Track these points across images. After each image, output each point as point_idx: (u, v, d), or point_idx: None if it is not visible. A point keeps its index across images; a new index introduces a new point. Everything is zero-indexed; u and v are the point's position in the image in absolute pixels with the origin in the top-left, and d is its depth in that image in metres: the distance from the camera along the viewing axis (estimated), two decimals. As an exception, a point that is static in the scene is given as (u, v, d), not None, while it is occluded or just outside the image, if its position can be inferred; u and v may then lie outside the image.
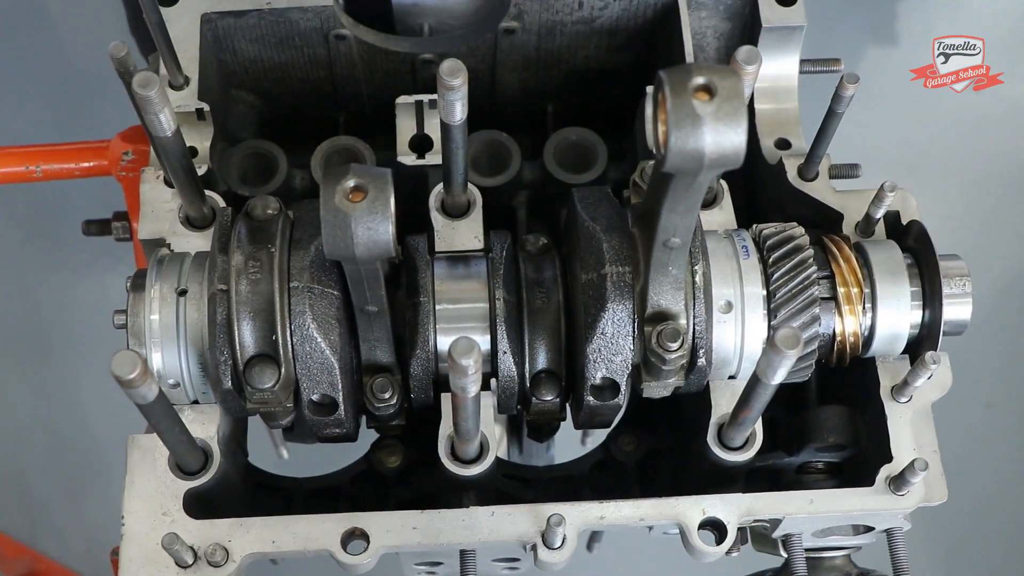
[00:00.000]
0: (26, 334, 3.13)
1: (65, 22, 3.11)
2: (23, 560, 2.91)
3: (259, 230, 1.11)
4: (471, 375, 0.94)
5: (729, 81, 0.85)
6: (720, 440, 1.17)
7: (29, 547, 2.92)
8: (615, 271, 1.10)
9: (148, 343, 1.14)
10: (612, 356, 1.11)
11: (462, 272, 1.19)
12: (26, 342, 3.12)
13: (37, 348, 3.11)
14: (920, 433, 1.19)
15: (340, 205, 0.95)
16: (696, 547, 1.15)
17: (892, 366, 1.22)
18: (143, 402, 0.96)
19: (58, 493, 2.98)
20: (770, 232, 1.18)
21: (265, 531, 1.14)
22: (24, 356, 3.11)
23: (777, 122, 1.37)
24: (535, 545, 1.14)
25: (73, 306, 3.11)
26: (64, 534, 2.94)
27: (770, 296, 1.15)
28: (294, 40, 1.41)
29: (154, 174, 1.27)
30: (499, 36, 1.41)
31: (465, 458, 1.15)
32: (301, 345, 1.09)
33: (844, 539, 1.29)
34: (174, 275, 1.15)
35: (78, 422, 3.02)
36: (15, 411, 3.05)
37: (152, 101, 1.04)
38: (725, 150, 0.85)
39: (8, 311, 3.14)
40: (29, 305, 3.15)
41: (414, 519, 1.15)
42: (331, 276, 1.09)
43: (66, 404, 3.04)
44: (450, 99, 1.06)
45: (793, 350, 0.92)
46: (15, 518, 2.94)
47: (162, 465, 1.16)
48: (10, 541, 2.90)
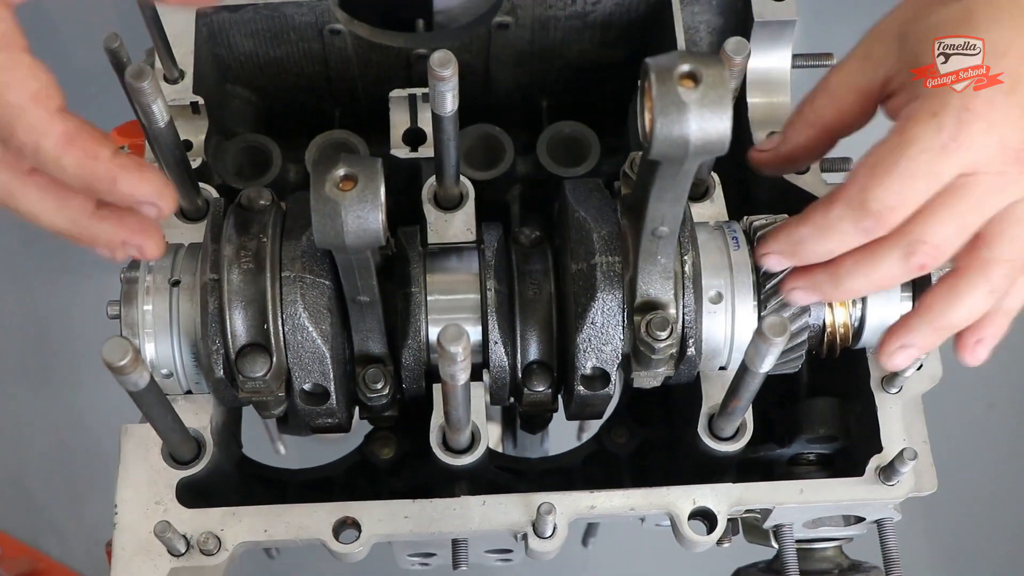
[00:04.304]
0: (27, 335, 3.14)
1: (63, 20, 3.12)
2: (23, 559, 2.92)
3: (251, 220, 1.12)
4: (460, 363, 0.95)
5: (714, 69, 0.86)
6: (711, 431, 1.17)
7: (30, 546, 2.93)
8: (605, 261, 1.10)
9: (141, 333, 1.14)
10: (602, 346, 1.11)
11: (454, 263, 1.20)
12: (27, 343, 3.13)
13: (38, 349, 3.12)
14: (910, 424, 1.20)
15: (330, 194, 0.96)
16: (687, 537, 1.16)
17: (883, 357, 1.22)
18: (135, 389, 0.97)
19: (59, 493, 2.99)
20: (761, 224, 1.18)
21: (257, 520, 1.15)
22: (25, 357, 3.12)
23: (770, 116, 1.37)
24: (526, 535, 1.15)
25: (74, 307, 3.12)
26: (65, 534, 2.95)
27: (760, 287, 1.15)
28: (289, 35, 1.41)
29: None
30: (493, 31, 1.42)
31: (457, 448, 1.15)
32: (292, 334, 1.10)
33: (835, 530, 1.29)
34: (167, 266, 1.16)
35: (79, 422, 3.03)
36: (16, 411, 3.06)
37: (145, 92, 1.05)
38: (710, 136, 0.86)
39: (9, 312, 3.15)
40: (29, 306, 3.16)
41: (406, 508, 1.15)
42: (323, 266, 1.10)
43: (67, 404, 3.05)
44: (441, 90, 1.06)
45: (780, 337, 0.93)
46: (16, 517, 2.95)
47: (155, 455, 1.16)
48: (10, 540, 2.91)
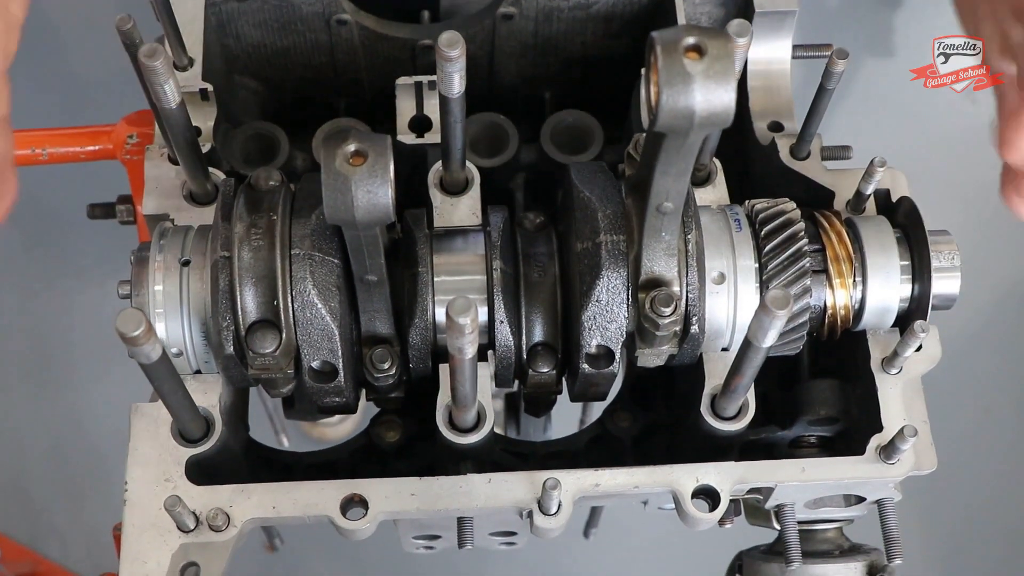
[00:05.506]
0: (27, 339, 3.16)
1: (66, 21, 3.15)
2: (24, 562, 2.92)
3: (261, 200, 1.14)
4: (468, 334, 0.96)
5: (719, 41, 0.87)
6: (713, 411, 1.19)
7: (30, 549, 2.93)
8: (610, 239, 1.12)
9: (152, 313, 1.16)
10: (607, 324, 1.13)
11: (460, 245, 1.21)
12: (27, 347, 3.15)
13: (39, 353, 3.14)
14: (910, 404, 1.21)
15: (341, 169, 0.97)
16: (690, 514, 1.17)
17: (883, 339, 1.23)
18: (147, 361, 0.98)
19: (59, 496, 3.00)
20: (762, 207, 1.20)
21: (266, 497, 1.16)
22: (26, 360, 3.14)
23: (770, 106, 1.39)
24: (531, 512, 1.16)
25: (73, 312, 3.14)
26: (65, 536, 2.96)
27: (762, 268, 1.17)
28: (296, 25, 1.43)
29: (158, 152, 1.30)
30: (497, 22, 1.44)
31: (463, 427, 1.16)
32: (302, 311, 1.11)
33: (836, 511, 1.31)
34: (177, 246, 1.18)
35: (79, 425, 3.04)
36: (16, 414, 3.07)
37: (158, 71, 1.06)
38: (715, 107, 0.87)
39: (9, 316, 3.16)
40: (30, 310, 3.17)
41: (412, 486, 1.17)
42: (332, 244, 1.12)
43: (66, 407, 3.06)
44: (448, 71, 1.08)
45: (783, 310, 0.94)
46: (16, 520, 2.96)
47: (164, 433, 1.18)
48: (11, 543, 2.91)
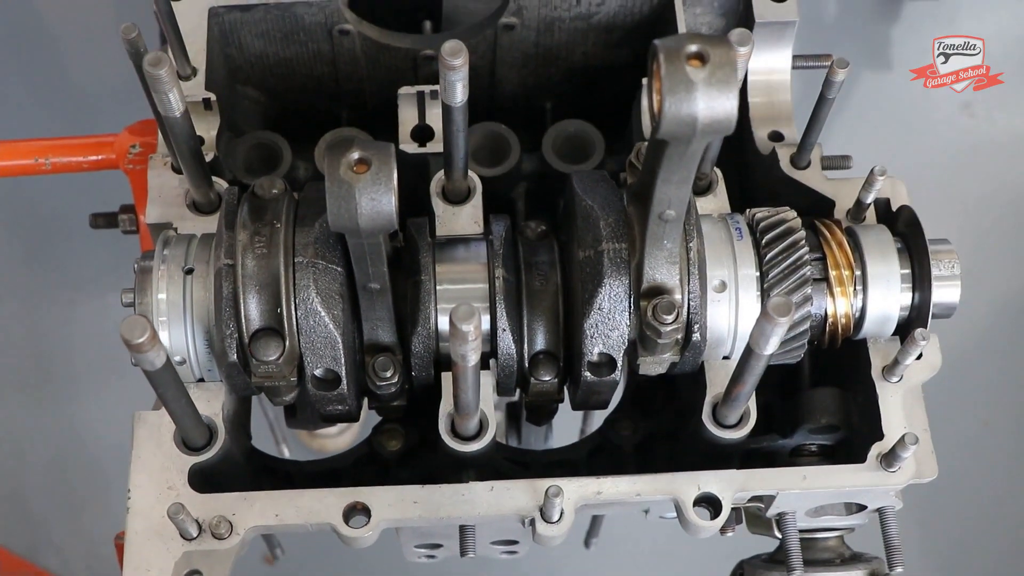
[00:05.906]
0: (27, 351, 3.15)
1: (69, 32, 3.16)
2: (23, 574, 2.91)
3: (265, 208, 1.14)
4: (471, 341, 0.97)
5: (721, 49, 0.88)
6: (715, 419, 1.19)
7: (29, 561, 2.93)
8: (612, 247, 1.12)
9: (155, 321, 1.16)
10: (609, 331, 1.13)
11: (462, 253, 1.22)
12: (27, 359, 3.14)
13: (38, 365, 3.13)
14: (911, 412, 1.22)
15: (345, 176, 0.98)
16: (691, 522, 1.17)
17: (883, 347, 1.24)
18: (151, 368, 0.99)
19: (58, 509, 2.99)
20: (763, 215, 1.21)
21: (269, 505, 1.16)
22: (25, 372, 3.13)
23: (770, 115, 1.40)
24: (533, 520, 1.16)
25: (73, 323, 3.13)
26: (64, 548, 2.95)
27: (763, 276, 1.18)
28: (299, 35, 1.44)
29: (161, 161, 1.30)
30: (499, 32, 1.44)
31: (465, 435, 1.16)
32: (305, 319, 1.11)
33: (837, 519, 1.31)
34: (181, 254, 1.18)
35: (79, 437, 3.03)
36: (16, 425, 3.06)
37: (162, 80, 1.07)
38: (717, 115, 0.88)
39: (9, 328, 3.16)
40: (30, 322, 3.17)
41: (414, 494, 1.17)
42: (335, 253, 1.12)
43: (67, 419, 3.06)
44: (451, 79, 1.08)
45: (785, 317, 0.95)
46: (15, 532, 2.95)
47: (168, 441, 1.18)
48: (10, 556, 2.91)
